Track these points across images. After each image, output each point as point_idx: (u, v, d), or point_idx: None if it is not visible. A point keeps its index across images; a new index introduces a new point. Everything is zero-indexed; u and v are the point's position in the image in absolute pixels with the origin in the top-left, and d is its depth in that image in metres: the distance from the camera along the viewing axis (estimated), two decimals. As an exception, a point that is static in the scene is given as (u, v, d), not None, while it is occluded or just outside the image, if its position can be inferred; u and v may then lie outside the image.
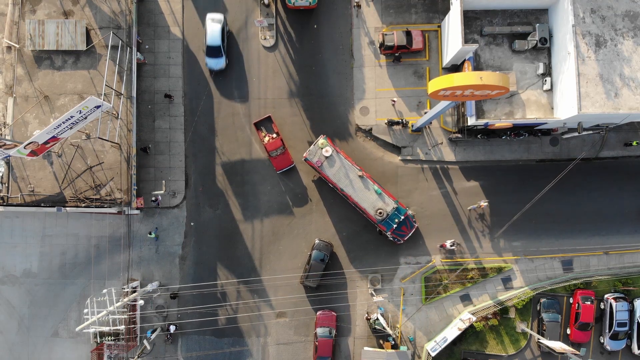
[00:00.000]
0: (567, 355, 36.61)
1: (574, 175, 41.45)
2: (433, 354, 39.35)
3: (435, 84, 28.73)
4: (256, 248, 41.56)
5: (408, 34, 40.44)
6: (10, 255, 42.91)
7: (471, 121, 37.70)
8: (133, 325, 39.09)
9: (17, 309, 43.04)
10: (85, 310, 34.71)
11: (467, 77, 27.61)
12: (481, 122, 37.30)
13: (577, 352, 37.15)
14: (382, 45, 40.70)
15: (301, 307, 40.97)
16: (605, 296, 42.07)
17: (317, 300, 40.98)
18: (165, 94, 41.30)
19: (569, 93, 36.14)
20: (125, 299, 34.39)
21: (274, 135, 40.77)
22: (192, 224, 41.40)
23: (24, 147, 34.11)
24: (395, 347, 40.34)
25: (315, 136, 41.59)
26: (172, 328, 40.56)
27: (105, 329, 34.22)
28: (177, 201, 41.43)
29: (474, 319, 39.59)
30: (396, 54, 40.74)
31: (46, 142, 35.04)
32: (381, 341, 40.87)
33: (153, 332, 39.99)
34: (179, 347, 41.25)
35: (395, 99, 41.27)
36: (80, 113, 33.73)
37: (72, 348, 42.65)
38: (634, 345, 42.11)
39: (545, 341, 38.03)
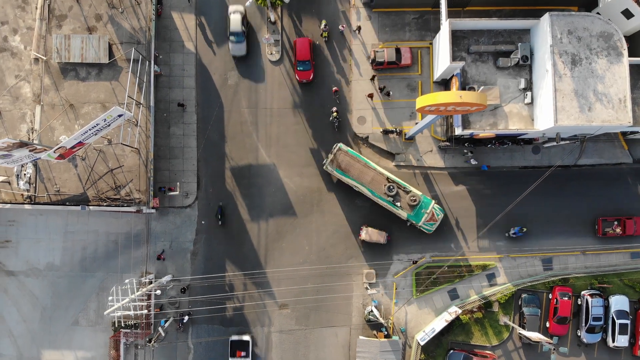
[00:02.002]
0: (542, 344, 40.30)
1: (555, 180, 45.27)
2: (422, 343, 43.09)
3: (422, 101, 32.55)
4: (261, 245, 45.34)
5: (397, 51, 44.25)
6: (34, 250, 46.68)
7: (458, 131, 41.44)
8: (148, 311, 42.58)
9: (40, 300, 46.78)
10: (110, 298, 38.46)
11: (449, 96, 31.42)
12: (467, 132, 41.06)
13: (551, 341, 40.92)
14: (373, 61, 44.53)
15: (301, 300, 44.72)
16: (582, 293, 45.70)
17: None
18: (179, 102, 45.10)
19: (547, 107, 39.85)
20: (145, 289, 38.15)
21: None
22: (203, 222, 45.21)
23: (54, 152, 37.84)
24: (387, 336, 44.03)
25: (317, 143, 45.43)
26: (186, 318, 44.28)
27: (130, 313, 37.89)
28: (190, 201, 45.23)
29: (460, 311, 43.30)
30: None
31: (73, 147, 38.74)
32: (375, 331, 44.60)
33: (166, 321, 43.71)
34: (190, 334, 45.03)
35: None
36: (105, 121, 37.47)
37: (90, 336, 46.38)
38: (609, 339, 45.67)
39: (523, 332, 41.76)
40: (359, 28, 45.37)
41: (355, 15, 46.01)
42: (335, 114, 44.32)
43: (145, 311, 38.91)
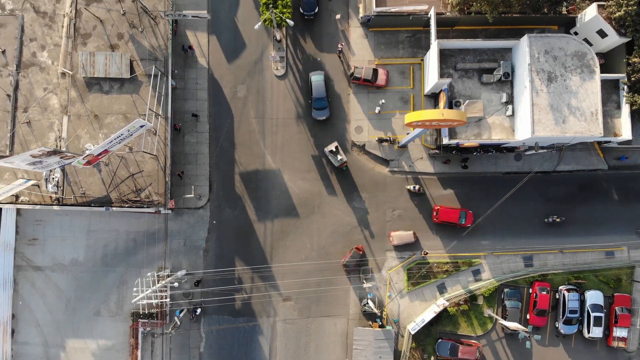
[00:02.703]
0: (519, 332, 44.72)
1: (536, 185, 49.71)
2: (413, 332, 47.50)
3: (409, 117, 37.01)
4: (267, 243, 49.79)
5: (375, 71, 48.63)
6: (60, 247, 51.16)
7: (445, 141, 45.82)
8: (169, 300, 46.84)
9: (65, 293, 51.24)
10: (135, 289, 42.96)
11: (433, 113, 35.86)
12: (453, 141, 45.44)
13: (526, 330, 45.32)
14: (351, 75, 48.89)
15: (303, 293, 49.14)
16: (560, 287, 49.99)
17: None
18: (193, 113, 49.56)
19: (526, 119, 44.22)
20: (164, 281, 42.61)
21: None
22: (214, 222, 49.68)
23: (83, 159, 42.27)
24: (382, 327, 48.43)
25: (318, 151, 49.89)
26: (199, 310, 48.72)
27: (152, 302, 42.38)
28: (202, 203, 49.69)
29: (448, 304, 47.69)
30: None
31: (99, 154, 43.18)
32: (370, 322, 49.00)
33: (181, 312, 48.14)
34: (202, 323, 49.48)
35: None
36: (128, 131, 41.85)
37: (111, 325, 50.81)
38: (585, 330, 49.88)
39: (503, 321, 46.15)
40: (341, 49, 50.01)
41: (353, 34, 50.42)
42: (335, 149, 48.69)
43: (168, 299, 43.32)
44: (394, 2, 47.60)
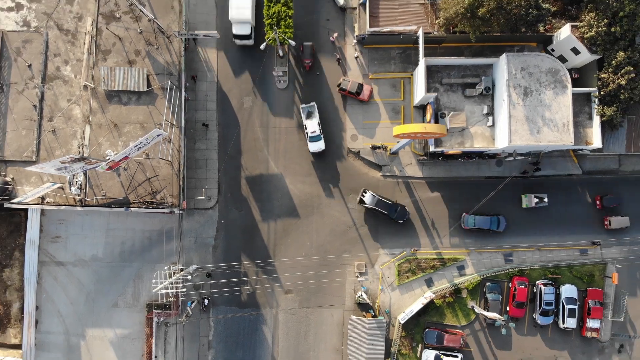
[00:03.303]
0: (494, 320, 49.82)
1: (516, 188, 54.52)
2: (403, 322, 52.38)
3: (397, 130, 41.95)
4: (270, 240, 54.65)
5: (360, 85, 53.48)
6: (81, 244, 55.96)
7: (432, 148, 50.68)
8: (185, 290, 51.50)
9: (85, 286, 56.05)
10: (154, 281, 47.88)
11: (417, 127, 40.81)
12: (439, 149, 50.31)
13: (502, 318, 50.23)
14: (339, 85, 53.73)
15: (303, 286, 54.00)
16: (537, 282, 54.74)
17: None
18: (203, 123, 54.41)
19: (504, 129, 49.07)
20: (179, 273, 47.50)
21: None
22: (222, 221, 54.55)
23: (106, 164, 47.09)
24: (374, 317, 53.27)
25: (317, 156, 54.67)
26: (206, 301, 53.59)
27: (170, 291, 47.30)
28: (211, 204, 54.54)
29: (434, 296, 52.54)
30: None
31: (120, 160, 48.00)
32: (364, 312, 53.84)
33: (192, 303, 52.99)
34: (211, 314, 54.33)
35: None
36: (146, 140, 46.68)
37: (127, 316, 55.62)
38: (560, 321, 54.65)
39: (482, 311, 51.03)
40: (339, 60, 54.88)
41: (349, 50, 55.28)
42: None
43: (185, 289, 48.22)
44: (386, 22, 52.45)
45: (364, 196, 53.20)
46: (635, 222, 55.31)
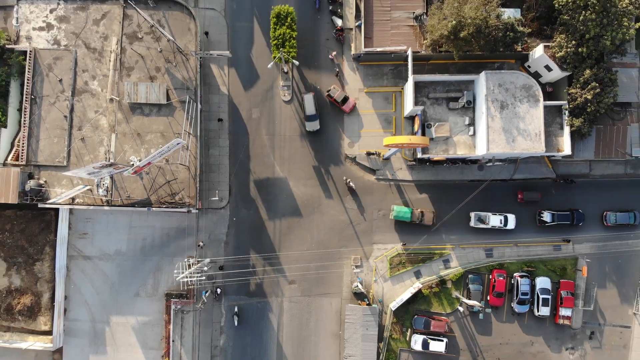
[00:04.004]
0: (474, 306, 56.54)
1: (496, 190, 60.90)
2: (394, 309, 58.82)
3: (386, 141, 48.60)
4: (276, 236, 61.13)
5: (346, 98, 60.00)
6: (106, 240, 62.39)
7: (420, 155, 57.15)
8: (204, 278, 58.03)
9: (110, 277, 62.48)
10: (176, 272, 54.54)
11: (403, 139, 47.46)
12: (425, 156, 56.78)
13: (479, 304, 56.70)
14: (328, 92, 60.16)
15: (305, 278, 60.49)
16: (514, 274, 60.97)
17: (316, 273, 60.88)
18: (218, 118, 60.56)
19: (483, 138, 55.49)
20: (197, 265, 54.10)
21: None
22: (233, 219, 61.04)
23: (132, 170, 53.48)
24: (369, 305, 59.69)
25: (317, 162, 61.23)
26: (219, 290, 60.08)
27: (189, 279, 54.00)
28: (223, 204, 61.01)
29: (422, 286, 58.97)
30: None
31: (144, 166, 54.42)
32: (359, 301, 60.28)
33: (206, 292, 59.45)
34: (222, 302, 60.79)
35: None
36: (168, 148, 53.13)
37: (148, 304, 62.04)
38: (535, 310, 60.87)
39: (464, 298, 57.52)
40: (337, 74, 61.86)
41: (347, 67, 61.79)
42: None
43: (204, 277, 54.88)
44: (379, 43, 58.90)
45: (542, 215, 60.67)
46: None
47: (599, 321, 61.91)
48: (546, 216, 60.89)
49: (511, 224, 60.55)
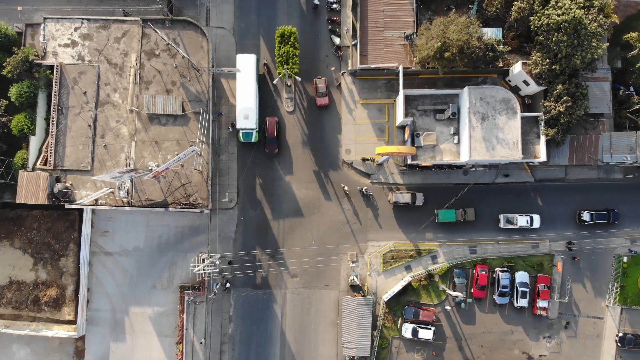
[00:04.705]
0: (457, 296, 63.03)
1: (479, 193, 67.18)
2: (386, 300, 65.11)
3: (378, 150, 55.29)
4: (280, 234, 67.47)
5: (326, 93, 66.45)
6: (125, 238, 68.67)
7: (409, 161, 63.50)
8: (218, 270, 64.37)
9: (129, 271, 68.71)
10: (192, 265, 60.92)
11: (392, 149, 54.33)
12: (415, 162, 63.14)
13: (461, 294, 63.04)
14: (315, 82, 66.60)
15: (306, 271, 66.84)
16: (496, 269, 67.27)
17: (316, 268, 67.31)
18: (231, 123, 66.78)
19: (466, 146, 61.80)
20: (209, 260, 60.50)
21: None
22: (241, 218, 67.38)
23: (152, 174, 59.78)
24: (364, 296, 65.97)
25: (317, 167, 67.57)
26: (228, 284, 66.44)
27: (204, 272, 60.56)
28: (232, 205, 67.37)
29: (412, 280, 65.27)
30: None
31: (162, 170, 60.75)
32: (355, 293, 66.59)
33: (217, 284, 65.77)
34: (231, 293, 67.14)
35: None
36: (184, 155, 59.44)
37: (163, 296, 68.28)
38: (514, 301, 67.09)
39: (449, 290, 63.86)
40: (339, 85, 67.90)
41: (344, 81, 68.17)
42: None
43: (217, 270, 61.27)
44: (373, 60, 65.26)
45: (581, 215, 66.77)
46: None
47: (574, 312, 67.86)
48: (585, 216, 67.27)
49: (536, 224, 66.86)
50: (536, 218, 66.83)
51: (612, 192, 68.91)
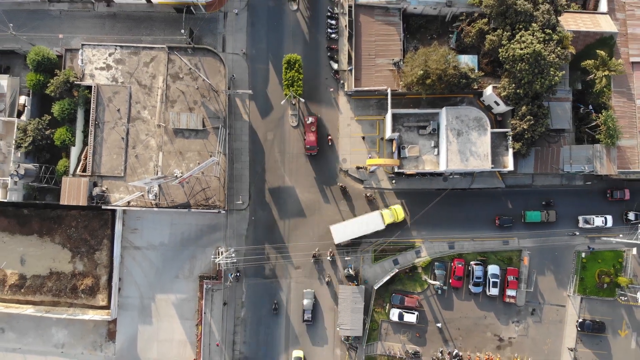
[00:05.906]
0: (435, 285, 73.92)
1: (457, 197, 78.14)
2: (376, 289, 76.06)
3: (368, 162, 66.29)
4: (285, 233, 78.50)
5: (312, 146, 77.07)
6: (152, 234, 79.58)
7: (396, 169, 74.59)
8: (233, 262, 75.39)
9: (155, 263, 79.68)
10: (212, 256, 72.03)
11: (379, 160, 65.32)
12: (401, 170, 74.23)
13: (438, 283, 74.01)
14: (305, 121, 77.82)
15: (308, 264, 77.87)
16: (471, 262, 78.16)
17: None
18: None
19: (443, 158, 72.85)
20: (227, 252, 71.60)
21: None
22: (252, 218, 78.42)
23: (178, 181, 70.79)
24: (357, 285, 76.79)
25: (317, 174, 78.63)
26: (238, 273, 77.43)
27: (223, 262, 71.52)
28: (244, 206, 78.42)
29: (398, 271, 76.24)
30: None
31: (186, 177, 71.70)
32: (350, 283, 77.54)
33: (231, 274, 76.75)
34: (243, 282, 78.15)
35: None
36: (205, 164, 70.46)
37: (185, 285, 79.20)
38: (487, 290, 77.87)
39: (430, 280, 74.90)
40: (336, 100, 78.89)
41: (341, 100, 79.26)
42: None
43: (235, 260, 72.31)
44: (366, 83, 76.32)
45: (627, 215, 78.15)
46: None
47: (539, 300, 78.31)
48: (631, 215, 78.61)
49: (609, 223, 78.24)
50: (609, 218, 78.30)
51: (573, 196, 79.54)
